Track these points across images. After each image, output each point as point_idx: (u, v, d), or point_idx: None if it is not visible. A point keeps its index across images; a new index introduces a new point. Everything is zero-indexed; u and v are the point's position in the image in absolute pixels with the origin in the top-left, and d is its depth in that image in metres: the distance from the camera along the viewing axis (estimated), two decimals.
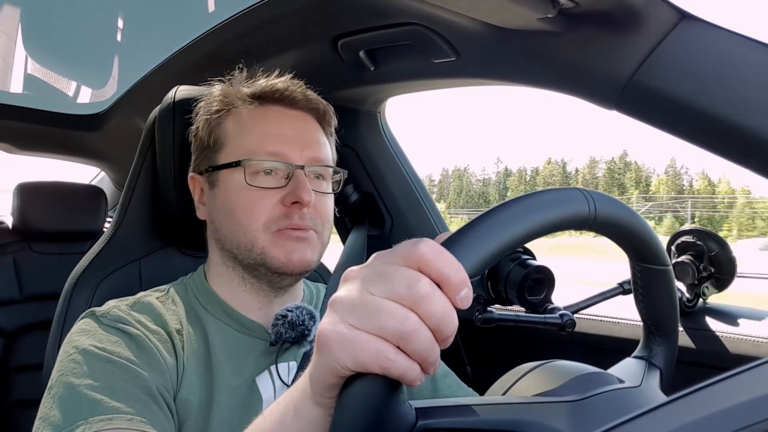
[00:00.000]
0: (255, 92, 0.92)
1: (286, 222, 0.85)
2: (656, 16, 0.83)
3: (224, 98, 0.92)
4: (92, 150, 2.38)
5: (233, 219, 0.87)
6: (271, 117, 0.91)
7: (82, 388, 0.71)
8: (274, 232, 0.86)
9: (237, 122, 0.91)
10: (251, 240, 0.86)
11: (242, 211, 0.86)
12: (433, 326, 0.41)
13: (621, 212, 0.55)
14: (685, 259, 1.15)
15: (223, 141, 0.90)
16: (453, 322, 0.42)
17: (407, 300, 0.41)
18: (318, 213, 0.89)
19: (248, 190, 0.86)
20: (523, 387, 0.59)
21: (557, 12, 0.87)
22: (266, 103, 0.92)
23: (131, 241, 1.09)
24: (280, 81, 0.92)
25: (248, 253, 0.86)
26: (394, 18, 1.10)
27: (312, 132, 0.93)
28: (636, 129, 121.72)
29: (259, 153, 0.87)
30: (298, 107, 0.93)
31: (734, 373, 0.32)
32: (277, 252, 0.85)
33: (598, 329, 1.28)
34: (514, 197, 0.49)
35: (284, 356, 0.89)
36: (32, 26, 1.94)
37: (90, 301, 1.00)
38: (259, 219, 0.85)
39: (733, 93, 0.79)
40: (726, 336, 1.10)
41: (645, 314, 0.69)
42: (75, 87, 2.26)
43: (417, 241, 0.43)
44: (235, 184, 0.87)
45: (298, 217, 0.86)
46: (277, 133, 0.89)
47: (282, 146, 0.88)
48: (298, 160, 0.88)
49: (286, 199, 0.85)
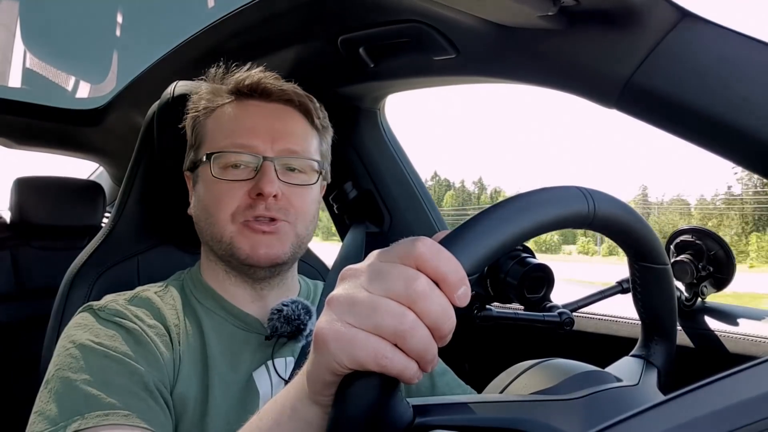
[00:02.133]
0: (231, 88, 0.93)
1: (251, 212, 0.86)
2: (657, 14, 0.83)
3: (207, 96, 0.94)
4: (91, 145, 2.37)
5: (205, 212, 0.89)
6: (246, 111, 0.91)
7: (79, 383, 0.70)
8: (241, 223, 0.86)
9: (216, 119, 0.92)
10: (220, 231, 0.87)
11: (211, 203, 0.88)
12: (431, 324, 0.41)
13: (620, 211, 0.55)
14: (684, 258, 1.14)
15: (203, 138, 0.92)
16: (451, 320, 0.42)
17: (405, 298, 0.41)
18: (291, 205, 0.89)
19: (217, 184, 0.87)
20: (520, 385, 0.58)
21: (558, 10, 0.87)
22: (242, 98, 0.92)
23: (129, 237, 1.08)
24: (252, 74, 0.93)
25: (219, 244, 0.88)
26: (395, 15, 1.10)
27: (287, 123, 0.92)
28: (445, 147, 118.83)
29: (228, 147, 0.88)
30: (273, 99, 0.93)
31: (732, 372, 0.32)
32: (243, 243, 0.86)
33: (596, 328, 1.28)
34: (513, 195, 0.49)
35: (281, 351, 0.89)
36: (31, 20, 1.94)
37: (88, 297, 1.00)
38: (225, 210, 0.86)
39: (733, 92, 0.78)
40: (724, 335, 1.10)
41: (643, 313, 0.69)
42: (74, 82, 2.26)
43: (415, 239, 0.43)
44: (207, 178, 0.89)
45: (263, 207, 0.86)
46: (248, 125, 0.89)
47: (251, 139, 0.88)
48: (267, 152, 0.88)
49: (252, 191, 0.86)
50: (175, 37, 1.55)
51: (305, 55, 1.35)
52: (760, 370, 0.33)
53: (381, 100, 1.57)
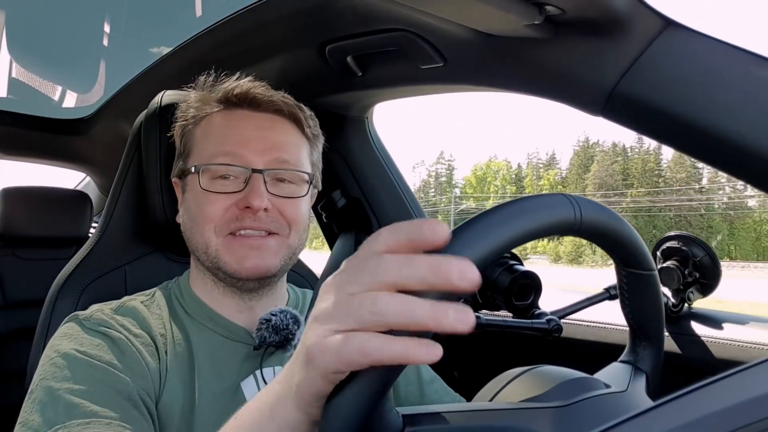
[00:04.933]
0: (220, 97, 0.92)
1: (237, 225, 0.85)
2: (642, 23, 0.84)
3: (196, 104, 0.93)
4: (78, 155, 2.36)
5: (192, 222, 0.88)
6: (235, 120, 0.90)
7: (62, 392, 0.70)
8: (227, 236, 0.86)
9: (205, 127, 0.91)
10: (205, 242, 0.86)
11: (198, 213, 0.87)
12: (417, 285, 0.40)
13: (606, 218, 0.55)
14: (670, 264, 1.15)
15: (191, 147, 0.91)
16: (437, 269, 0.39)
17: (376, 283, 0.40)
18: (282, 216, 0.88)
19: (204, 195, 0.86)
20: (510, 393, 0.59)
21: (544, 19, 0.88)
22: (231, 107, 0.92)
23: (117, 247, 1.08)
24: (240, 83, 0.92)
25: (205, 256, 0.87)
26: (383, 24, 1.11)
27: (278, 133, 0.91)
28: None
29: (216, 157, 0.87)
30: (262, 109, 0.92)
31: (719, 377, 0.33)
32: (229, 257, 0.85)
33: (584, 334, 1.29)
34: (499, 203, 0.49)
35: (269, 361, 0.88)
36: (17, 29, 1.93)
37: (75, 307, 0.99)
38: (210, 222, 0.86)
39: (717, 100, 0.79)
40: (711, 341, 1.11)
41: (631, 319, 0.69)
42: (60, 91, 2.25)
43: (375, 233, 0.43)
44: (196, 188, 0.88)
45: (251, 219, 0.85)
46: (237, 135, 0.89)
47: (240, 149, 0.87)
48: (257, 163, 0.87)
49: (240, 203, 0.85)
50: (162, 47, 1.55)
51: (293, 63, 1.36)
52: (746, 375, 0.33)
53: (369, 108, 1.57)
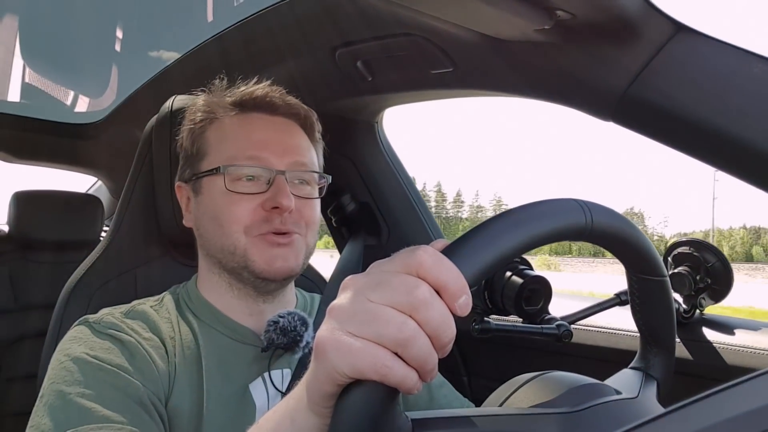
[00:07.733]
0: (235, 100, 0.93)
1: (267, 226, 0.86)
2: (652, 28, 0.84)
3: (206, 108, 0.93)
4: (89, 159, 2.37)
5: (215, 223, 0.88)
6: (252, 124, 0.92)
7: (73, 396, 0.70)
8: (255, 236, 0.86)
9: (219, 130, 0.92)
10: (233, 243, 0.86)
11: (223, 215, 0.87)
12: (431, 332, 0.41)
13: (617, 223, 0.55)
14: (681, 270, 1.14)
15: (206, 149, 0.92)
16: (451, 329, 0.42)
17: (406, 306, 0.41)
18: (302, 217, 0.90)
19: (229, 196, 0.87)
20: (519, 398, 0.58)
21: (554, 23, 0.88)
22: (247, 111, 0.93)
23: (127, 251, 1.08)
24: (259, 88, 0.93)
25: (231, 257, 0.87)
26: (392, 29, 1.11)
27: (294, 137, 0.94)
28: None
29: (239, 159, 0.88)
30: (279, 113, 0.94)
31: (731, 384, 0.32)
32: (258, 257, 0.86)
33: (595, 340, 1.28)
34: (511, 208, 0.49)
35: (277, 363, 0.89)
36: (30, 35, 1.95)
37: (86, 311, 0.99)
38: (239, 222, 0.86)
39: (729, 104, 0.79)
40: (723, 347, 1.10)
41: (642, 325, 0.69)
42: (72, 96, 2.27)
43: (416, 248, 0.43)
44: (217, 189, 0.88)
45: (279, 221, 0.86)
46: (258, 138, 0.90)
47: (262, 152, 0.88)
48: (279, 165, 0.88)
49: (266, 204, 0.86)
50: (173, 52, 1.55)
51: (303, 68, 1.36)
52: (759, 382, 0.32)
53: (379, 113, 1.57)
